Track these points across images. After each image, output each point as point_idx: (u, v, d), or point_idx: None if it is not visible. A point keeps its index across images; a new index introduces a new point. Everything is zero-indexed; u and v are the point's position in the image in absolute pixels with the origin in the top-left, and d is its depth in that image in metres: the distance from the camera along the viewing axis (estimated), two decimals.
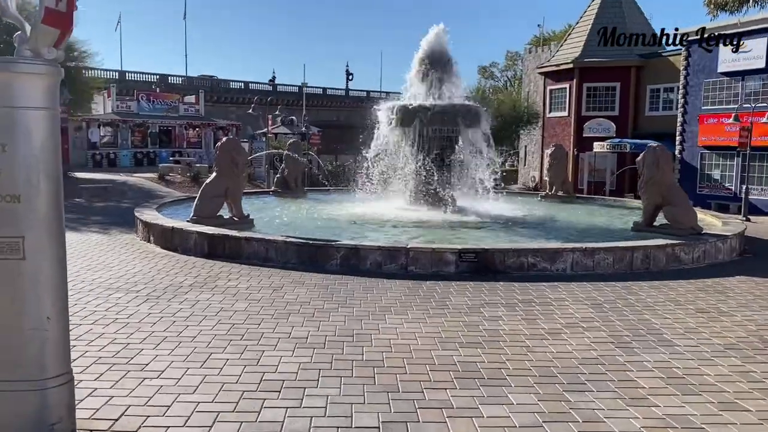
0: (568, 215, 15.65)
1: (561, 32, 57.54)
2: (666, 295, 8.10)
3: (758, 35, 26.78)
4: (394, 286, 8.37)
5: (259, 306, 7.09)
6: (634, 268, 9.89)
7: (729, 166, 28.83)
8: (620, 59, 35.24)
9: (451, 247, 9.48)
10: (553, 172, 19.54)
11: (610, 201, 20.57)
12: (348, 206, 15.77)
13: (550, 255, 9.58)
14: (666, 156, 11.69)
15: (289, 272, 9.11)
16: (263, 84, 69.63)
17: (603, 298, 7.83)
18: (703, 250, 10.72)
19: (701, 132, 29.37)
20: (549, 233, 12.43)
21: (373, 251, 9.47)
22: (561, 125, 37.91)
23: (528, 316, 6.88)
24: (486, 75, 73.59)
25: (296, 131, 39.24)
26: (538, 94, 43.68)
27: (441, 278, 8.92)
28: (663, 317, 6.94)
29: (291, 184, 19.31)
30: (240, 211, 11.92)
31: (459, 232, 12.34)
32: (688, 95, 30.73)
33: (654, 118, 34.34)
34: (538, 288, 8.43)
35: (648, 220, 12.08)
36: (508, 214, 14.80)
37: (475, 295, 7.92)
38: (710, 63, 29.26)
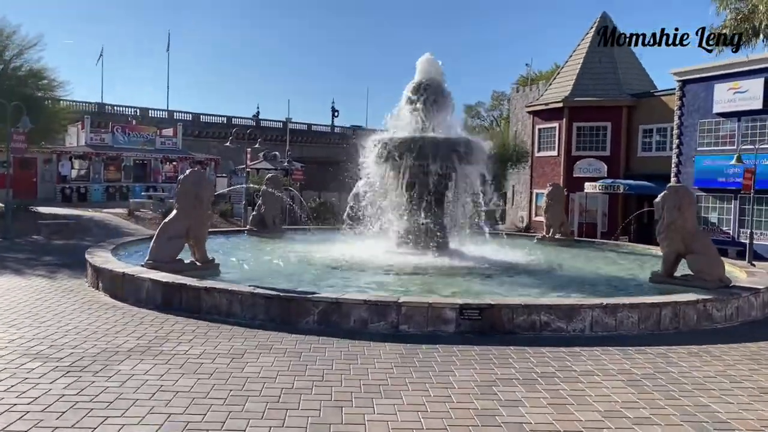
0: (572, 261, 14.25)
1: (548, 72, 57.29)
2: (713, 366, 6.65)
3: (755, 75, 26.10)
4: (383, 352, 6.85)
5: (209, 384, 5.52)
6: (661, 328, 8.47)
7: (727, 209, 27.82)
8: (611, 98, 34.52)
9: (451, 302, 8.00)
10: (551, 213, 18.24)
11: (613, 245, 19.25)
12: (330, 248, 14.27)
13: (566, 312, 8.13)
14: (689, 198, 10.40)
15: (255, 332, 7.56)
16: (247, 119, 68.45)
17: (639, 372, 6.36)
18: (736, 307, 9.34)
19: (697, 174, 28.41)
20: (557, 284, 11.00)
21: (358, 306, 7.96)
22: (550, 165, 36.92)
23: (555, 400, 5.38)
24: (472, 114, 73.11)
25: (279, 166, 37.87)
26: (526, 133, 42.87)
27: (439, 340, 7.43)
28: (723, 401, 5.47)
29: (268, 223, 17.80)
30: (203, 254, 10.38)
31: (455, 280, 10.87)
32: (682, 136, 29.90)
33: (647, 159, 33.43)
34: (557, 355, 6.95)
35: (668, 270, 10.71)
36: (507, 259, 13.38)
37: (484, 365, 6.41)
38: (705, 103, 28.51)
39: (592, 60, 36.26)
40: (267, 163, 39.37)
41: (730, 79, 27.32)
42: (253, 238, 17.32)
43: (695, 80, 29.10)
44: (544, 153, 37.47)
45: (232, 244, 15.70)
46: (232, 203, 30.57)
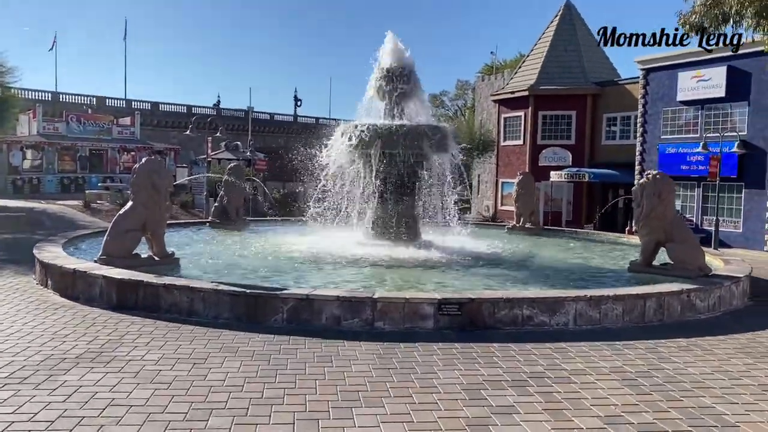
0: (545, 251, 13.95)
1: (513, 61, 57.27)
2: (707, 361, 6.34)
3: (718, 63, 26.27)
4: (359, 352, 6.34)
5: (167, 396, 4.92)
6: (646, 320, 8.17)
7: (690, 197, 28.05)
8: (576, 87, 34.53)
9: (429, 297, 7.52)
10: (521, 202, 17.93)
11: (582, 234, 19.10)
12: (297, 240, 13.67)
13: (549, 305, 7.74)
14: (669, 186, 10.12)
15: (219, 333, 6.97)
16: (207, 108, 66.89)
17: (633, 369, 5.99)
18: (719, 296, 9.11)
19: (661, 161, 28.56)
20: (534, 275, 10.64)
21: (330, 302, 7.42)
22: (516, 154, 36.83)
23: (549, 405, 4.95)
24: (436, 104, 72.76)
25: (241, 156, 36.91)
26: (492, 122, 42.72)
27: (417, 338, 6.95)
28: (727, 401, 5.12)
29: (231, 214, 17.06)
30: (162, 248, 9.68)
31: (431, 273, 10.41)
32: (646, 124, 30.03)
33: (611, 147, 33.57)
34: (543, 351, 6.55)
35: (647, 259, 10.45)
36: (480, 250, 12.99)
37: (468, 366, 5.96)
38: (669, 91, 28.65)
39: (557, 49, 36.20)
40: (229, 153, 38.38)
41: (693, 68, 27.46)
42: (216, 230, 16.57)
43: (659, 68, 29.20)
44: (510, 142, 37.35)
45: (193, 237, 14.95)
46: (193, 194, 29.61)
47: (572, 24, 37.07)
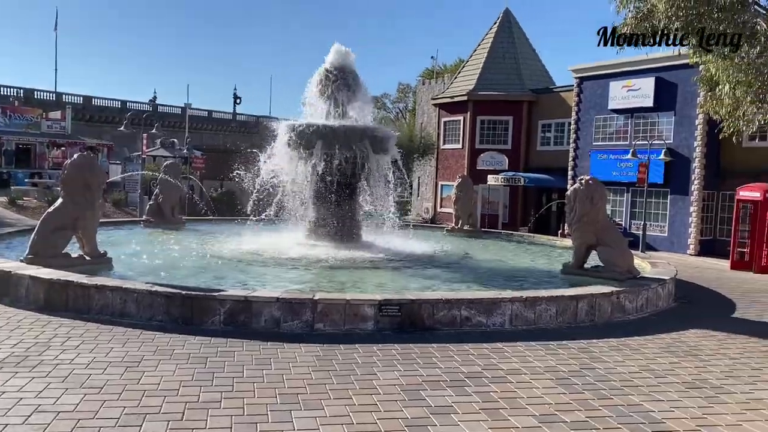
0: (483, 253, 14.23)
1: (453, 66, 58.15)
2: (635, 361, 6.60)
3: (647, 74, 27.43)
4: (299, 354, 6.29)
5: (98, 400, 4.75)
6: (578, 321, 8.45)
7: (620, 202, 29.14)
8: (513, 93, 35.35)
9: (370, 299, 7.54)
10: (460, 205, 18.22)
11: (518, 236, 19.57)
12: (235, 240, 13.45)
13: (487, 307, 7.90)
14: (601, 190, 10.48)
15: (153, 335, 6.78)
16: (143, 103, 64.92)
17: (566, 368, 6.18)
18: (646, 298, 9.51)
19: (593, 167, 29.56)
20: (473, 276, 10.84)
21: (270, 304, 7.34)
22: (455, 157, 37.38)
23: (487, 405, 5.05)
24: (378, 106, 73.04)
25: (178, 154, 35.99)
26: (432, 125, 43.23)
27: (358, 339, 6.97)
28: (654, 399, 5.35)
29: (166, 213, 16.63)
30: (93, 247, 9.34)
31: (371, 274, 10.44)
32: (579, 131, 31.02)
33: (546, 153, 34.51)
34: (481, 352, 6.67)
35: (579, 262, 10.79)
36: (419, 251, 13.12)
37: (408, 366, 6.01)
38: (601, 100, 29.69)
39: (495, 55, 36.96)
40: (165, 150, 37.34)
41: (624, 77, 28.56)
42: (150, 229, 16.12)
43: (592, 78, 30.22)
44: (449, 145, 37.87)
45: (127, 236, 14.49)
46: (127, 192, 28.68)
47: (510, 32, 37.94)
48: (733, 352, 7.13)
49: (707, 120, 23.65)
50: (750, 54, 15.55)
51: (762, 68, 15.59)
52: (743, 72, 15.96)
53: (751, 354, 7.06)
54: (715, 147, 24.93)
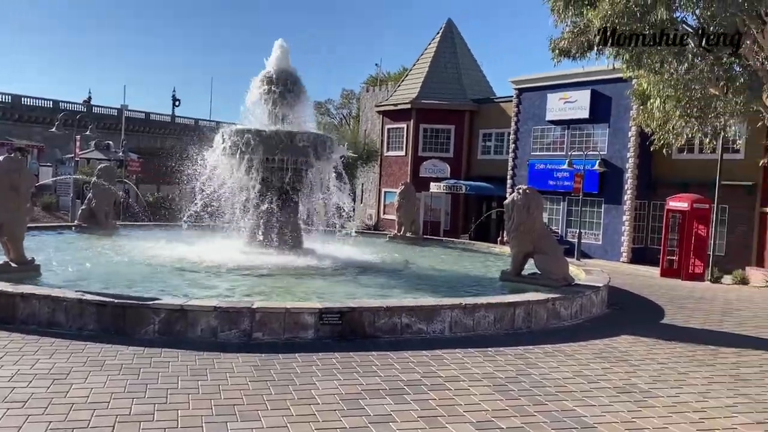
0: (425, 260, 14.34)
1: (397, 74, 58.57)
2: (569, 367, 6.77)
3: (583, 87, 28.35)
4: (236, 364, 6.17)
5: (22, 415, 4.53)
6: (515, 327, 8.61)
7: (556, 210, 29.97)
8: (455, 103, 35.91)
9: (310, 307, 7.48)
10: (402, 212, 18.34)
11: (459, 243, 19.83)
12: (172, 247, 13.10)
13: (427, 314, 7.96)
14: (537, 200, 10.74)
15: (83, 345, 6.53)
16: (77, 104, 62.64)
17: (503, 375, 6.29)
18: (580, 305, 9.79)
19: (531, 177, 30.31)
20: (413, 283, 10.90)
21: (207, 313, 7.18)
22: (398, 164, 37.67)
23: (425, 412, 5.07)
24: (322, 111, 72.84)
25: (113, 157, 34.89)
26: (376, 132, 43.40)
27: (298, 348, 6.90)
28: (586, 404, 5.50)
29: (99, 218, 16.08)
30: (20, 253, 8.92)
31: (312, 281, 10.37)
32: (518, 141, 31.79)
33: (486, 162, 35.18)
34: (421, 359, 6.71)
35: (517, 269, 11.01)
36: (361, 258, 13.13)
37: (348, 375, 5.98)
38: (539, 111, 30.51)
39: (438, 65, 37.49)
40: (99, 152, 36.20)
41: (561, 90, 29.46)
42: (82, 234, 15.55)
43: (531, 89, 31.06)
44: (393, 153, 38.13)
45: (57, 242, 13.93)
46: (58, 195, 27.58)
47: (453, 42, 38.57)
48: (661, 358, 7.40)
49: (639, 132, 24.62)
50: (679, 70, 16.31)
51: (690, 84, 16.37)
52: (673, 87, 16.72)
53: (677, 359, 7.35)
54: (647, 158, 25.97)
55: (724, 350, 7.96)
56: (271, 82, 13.45)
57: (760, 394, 6.06)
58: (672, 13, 15.67)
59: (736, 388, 6.25)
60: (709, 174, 20.86)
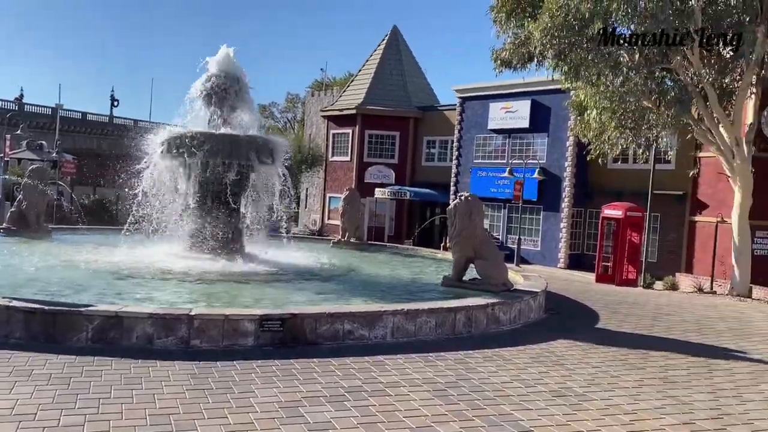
0: (368, 265, 14.37)
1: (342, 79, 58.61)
2: (507, 371, 6.90)
3: (524, 97, 29.06)
4: (172, 372, 6.02)
5: None
6: (456, 332, 8.71)
7: (497, 217, 30.57)
8: (400, 109, 36.20)
9: (250, 314, 7.37)
10: (347, 217, 18.32)
11: (402, 249, 19.96)
12: (108, 252, 12.70)
13: (369, 320, 7.97)
14: (479, 206, 10.92)
15: (10, 354, 6.24)
16: (7, 101, 60.08)
17: (443, 380, 6.35)
18: (519, 309, 9.98)
19: (473, 184, 30.81)
20: (356, 289, 10.90)
21: (142, 320, 6.98)
22: (343, 169, 37.67)
23: (365, 419, 5.07)
24: (266, 114, 72.16)
25: (46, 157, 33.53)
26: (321, 137, 43.28)
27: (237, 356, 6.78)
28: (523, 408, 5.61)
29: (30, 221, 15.44)
30: None
31: (253, 288, 10.21)
32: (461, 148, 32.31)
33: (430, 169, 35.59)
34: (362, 366, 6.71)
35: (459, 275, 11.17)
36: (304, 263, 13.05)
37: (288, 383, 5.92)
38: (482, 120, 31.10)
39: (383, 71, 37.73)
40: (31, 152, 34.70)
41: (503, 99, 30.12)
42: (11, 238, 14.89)
43: (474, 98, 31.64)
44: (338, 158, 38.10)
45: None
46: None
47: (398, 49, 38.89)
48: (595, 361, 7.63)
49: (577, 142, 25.42)
50: (614, 83, 16.95)
51: (625, 96, 17.03)
52: (608, 99, 17.36)
53: (610, 363, 7.60)
54: (584, 168, 26.82)
55: (653, 354, 8.27)
56: (214, 84, 13.23)
57: (686, 396, 6.32)
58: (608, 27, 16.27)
59: (665, 390, 6.50)
60: (643, 183, 21.71)
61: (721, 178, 20.07)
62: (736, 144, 17.16)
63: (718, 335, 10.21)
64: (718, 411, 5.90)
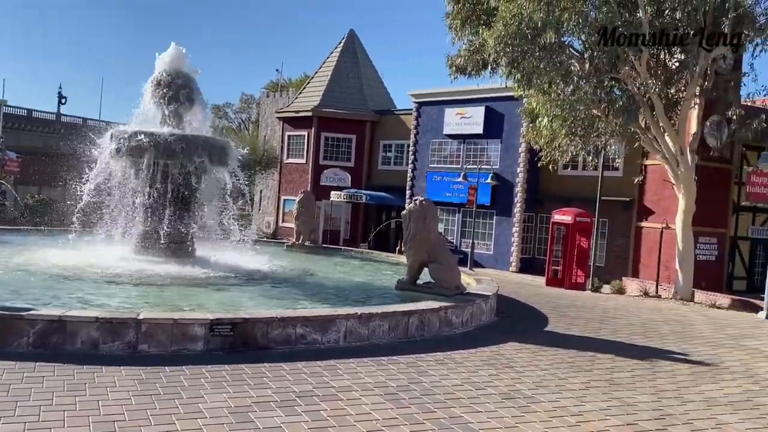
0: (322, 269, 14.31)
1: (298, 80, 58.29)
2: (458, 374, 6.98)
3: (478, 104, 29.44)
4: (118, 378, 5.88)
5: None
6: (409, 335, 8.76)
7: (451, 221, 30.84)
8: (357, 112, 36.21)
9: (200, 317, 7.25)
10: (302, 220, 18.23)
11: (357, 253, 19.95)
12: (53, 253, 12.31)
13: (322, 324, 7.94)
14: (433, 211, 11.02)
15: None
16: None
17: (395, 384, 6.38)
18: (471, 313, 10.11)
19: (429, 188, 31.03)
20: (310, 292, 10.85)
21: (88, 324, 6.79)
22: (299, 172, 37.41)
23: (315, 424, 5.05)
24: (220, 115, 71.09)
25: None
26: (276, 138, 42.91)
27: (187, 361, 6.66)
28: (473, 410, 5.68)
29: None
30: None
31: (204, 291, 10.06)
32: (417, 152, 32.49)
33: (386, 172, 35.67)
34: (314, 370, 6.68)
35: (413, 278, 11.23)
36: (258, 267, 12.90)
37: (238, 388, 5.85)
38: (437, 124, 31.36)
39: (340, 74, 37.66)
40: None
41: (458, 105, 30.44)
42: None
43: (430, 103, 31.88)
44: (293, 160, 37.83)
45: None
46: None
47: (355, 52, 38.89)
48: (543, 364, 7.79)
49: (529, 149, 25.88)
50: (565, 91, 17.35)
51: (575, 105, 17.45)
52: (559, 107, 17.76)
53: (558, 365, 7.76)
54: (535, 174, 27.32)
55: (600, 356, 8.48)
56: (166, 83, 13.00)
57: (630, 397, 6.51)
58: (560, 37, 16.69)
59: (610, 392, 6.68)
60: (592, 190, 22.25)
61: (666, 185, 20.76)
62: (681, 153, 17.78)
63: (661, 338, 10.54)
64: (660, 411, 6.09)
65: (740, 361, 8.92)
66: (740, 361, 8.97)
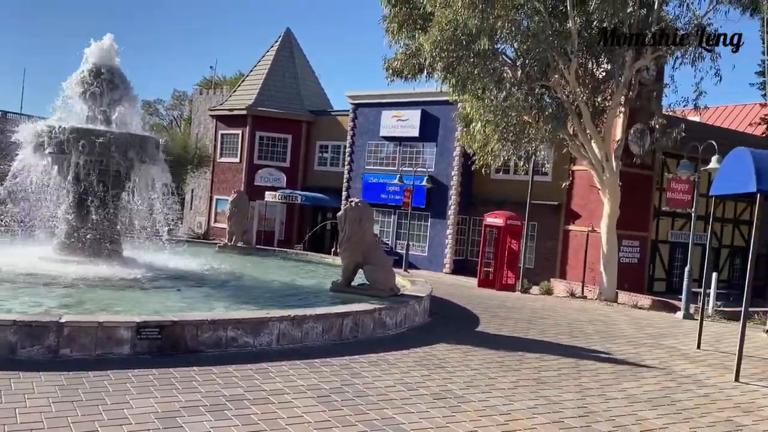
0: (255, 271, 14.12)
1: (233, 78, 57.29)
2: (391, 375, 7.02)
3: (414, 107, 29.77)
4: (37, 384, 5.61)
5: None
6: (343, 337, 8.75)
7: (387, 222, 31.05)
8: (293, 112, 35.91)
9: (126, 320, 7.01)
10: (234, 221, 17.92)
11: (292, 254, 19.78)
12: None
13: (254, 326, 7.82)
14: (369, 213, 11.04)
15: None
16: None
17: (328, 386, 6.35)
18: (405, 314, 10.19)
19: (365, 189, 31.13)
20: (241, 294, 10.68)
21: (4, 327, 6.45)
22: (232, 171, 36.78)
23: (246, 428, 4.97)
24: (150, 111, 69.02)
25: None
26: (209, 137, 42.03)
27: (112, 365, 6.43)
28: (405, 411, 5.73)
29: None
30: None
31: (131, 293, 9.73)
32: (353, 154, 32.56)
33: (322, 173, 35.56)
34: (245, 373, 6.57)
35: (347, 280, 11.22)
36: (188, 268, 12.60)
37: (165, 392, 5.69)
38: (374, 126, 31.51)
39: (276, 73, 37.28)
40: None
41: (394, 108, 30.70)
42: None
43: (366, 105, 32.01)
44: (227, 159, 37.16)
45: None
46: None
47: (291, 51, 38.58)
48: (474, 364, 7.93)
49: (463, 153, 26.37)
50: (498, 98, 17.76)
51: (507, 111, 17.89)
52: (492, 113, 18.16)
53: (488, 365, 7.92)
54: (469, 177, 27.87)
55: (528, 356, 8.72)
56: (93, 76, 12.50)
57: (557, 396, 6.72)
58: (494, 44, 17.06)
59: (538, 390, 6.88)
60: (522, 194, 22.87)
61: (592, 190, 21.57)
62: (606, 159, 18.51)
63: (586, 337, 10.93)
64: (585, 409, 6.32)
65: (659, 360, 9.35)
66: (659, 359, 9.40)
